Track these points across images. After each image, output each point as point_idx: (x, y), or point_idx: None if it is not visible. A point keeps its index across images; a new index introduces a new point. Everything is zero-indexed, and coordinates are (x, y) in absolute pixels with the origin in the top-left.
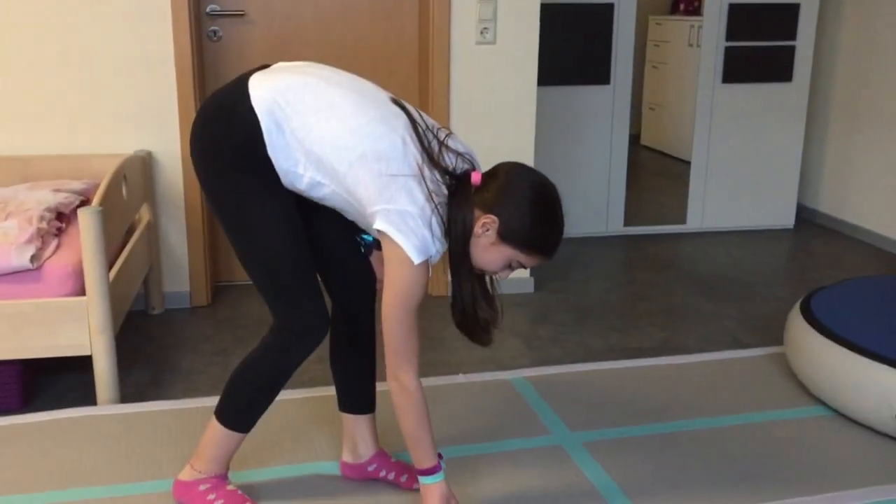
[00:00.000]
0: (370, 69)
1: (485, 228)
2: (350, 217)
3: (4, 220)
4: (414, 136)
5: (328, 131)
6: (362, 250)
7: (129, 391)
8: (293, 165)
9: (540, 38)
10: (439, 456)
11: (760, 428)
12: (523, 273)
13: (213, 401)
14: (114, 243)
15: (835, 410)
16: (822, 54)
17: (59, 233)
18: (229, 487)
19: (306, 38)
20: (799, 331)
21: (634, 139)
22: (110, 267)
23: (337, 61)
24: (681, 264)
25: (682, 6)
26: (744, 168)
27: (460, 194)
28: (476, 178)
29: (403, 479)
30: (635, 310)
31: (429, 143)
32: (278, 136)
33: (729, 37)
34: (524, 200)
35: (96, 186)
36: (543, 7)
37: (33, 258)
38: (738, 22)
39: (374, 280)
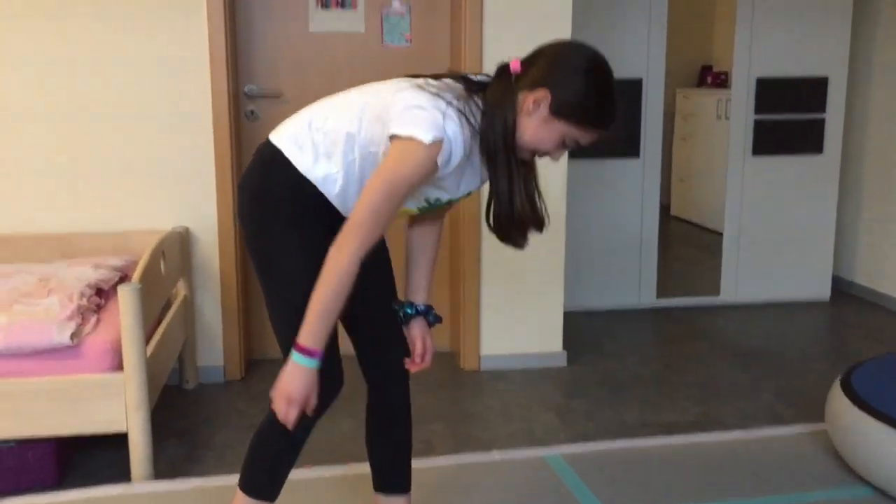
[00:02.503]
0: None
1: (536, 105)
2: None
3: (46, 296)
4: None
5: (339, 105)
6: (401, 318)
7: (163, 467)
8: (322, 167)
9: None
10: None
11: None
12: (555, 347)
13: None
14: (151, 319)
15: (880, 491)
16: (853, 126)
17: (98, 309)
18: None
19: None
20: (840, 407)
21: (664, 209)
22: (147, 342)
23: None
24: (715, 337)
25: (709, 79)
26: (777, 239)
27: (498, 83)
28: (515, 64)
29: None
30: (670, 383)
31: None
32: (303, 152)
33: (758, 110)
34: (578, 71)
35: (135, 262)
36: None
37: (73, 335)
38: (767, 95)
39: (408, 356)
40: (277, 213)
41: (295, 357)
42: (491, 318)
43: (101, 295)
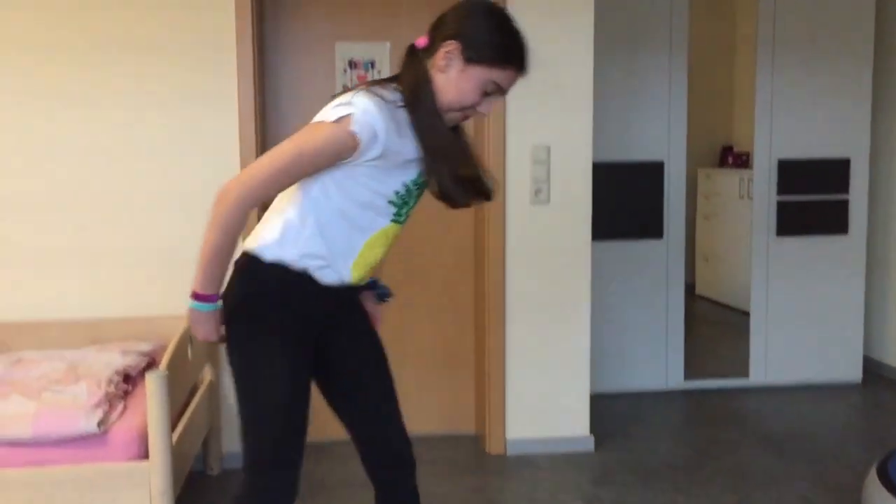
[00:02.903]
0: (428, 229)
1: (448, 58)
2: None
3: (75, 383)
4: None
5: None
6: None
7: None
8: (291, 234)
9: (593, 194)
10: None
11: None
12: (583, 431)
13: None
14: (178, 405)
15: None
16: (878, 206)
17: (125, 395)
18: None
19: None
20: (877, 496)
21: (689, 289)
22: (173, 428)
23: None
24: (746, 420)
25: (730, 159)
26: (806, 320)
27: (407, 61)
28: (421, 41)
29: None
30: (702, 470)
31: None
32: (267, 236)
33: (780, 191)
34: (478, 16)
35: (163, 347)
36: (596, 166)
37: (100, 423)
38: (789, 176)
39: (410, 449)
40: (257, 326)
41: (193, 305)
42: (516, 401)
43: (129, 381)
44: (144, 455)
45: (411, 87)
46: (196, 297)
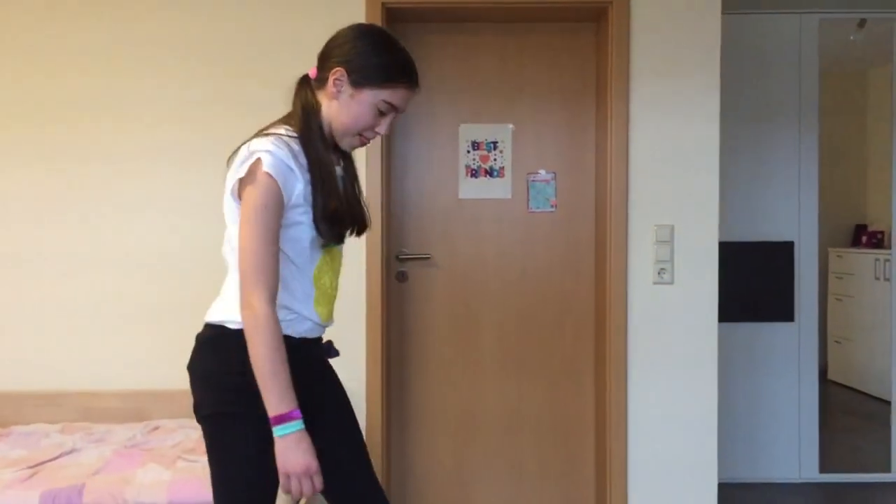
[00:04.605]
0: (547, 306)
1: (337, 86)
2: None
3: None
4: None
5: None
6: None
7: None
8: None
9: (719, 275)
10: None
11: None
12: None
13: None
14: None
15: None
16: None
17: None
18: None
19: (486, 278)
20: None
21: (821, 373)
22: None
23: (516, 297)
24: None
25: (864, 239)
26: None
27: (297, 90)
28: (312, 71)
29: None
30: None
31: None
32: (225, 300)
33: None
34: (359, 39)
35: None
36: (722, 245)
37: None
38: None
39: None
40: (224, 401)
41: (277, 432)
42: (639, 486)
43: None
44: None
45: (301, 118)
46: (274, 421)
